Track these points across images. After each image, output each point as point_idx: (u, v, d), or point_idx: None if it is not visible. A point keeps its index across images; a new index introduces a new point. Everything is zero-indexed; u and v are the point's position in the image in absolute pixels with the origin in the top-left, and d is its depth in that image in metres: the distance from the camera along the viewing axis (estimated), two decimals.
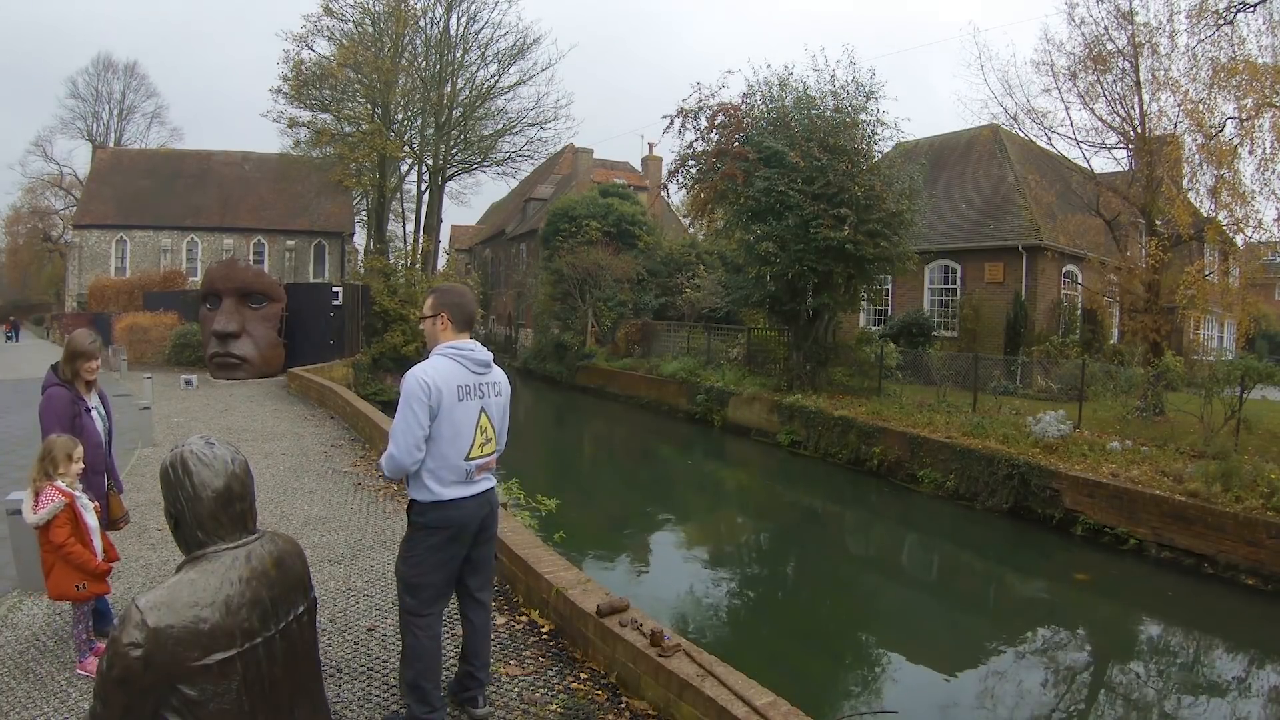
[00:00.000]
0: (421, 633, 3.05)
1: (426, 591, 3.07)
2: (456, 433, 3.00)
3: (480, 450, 3.08)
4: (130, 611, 1.55)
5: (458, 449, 3.01)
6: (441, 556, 3.06)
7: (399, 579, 3.11)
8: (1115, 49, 13.57)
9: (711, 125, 15.76)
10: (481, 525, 3.14)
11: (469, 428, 3.03)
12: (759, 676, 3.15)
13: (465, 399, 3.02)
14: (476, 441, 3.06)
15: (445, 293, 3.18)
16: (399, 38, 28.71)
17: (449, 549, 3.07)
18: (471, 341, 3.12)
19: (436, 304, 3.13)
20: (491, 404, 3.13)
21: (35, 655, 3.84)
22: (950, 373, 14.72)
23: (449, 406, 2.97)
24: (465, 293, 3.21)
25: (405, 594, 3.08)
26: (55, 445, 3.61)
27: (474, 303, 3.24)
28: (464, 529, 3.07)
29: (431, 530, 3.03)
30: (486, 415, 3.11)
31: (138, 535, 5.68)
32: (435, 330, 3.12)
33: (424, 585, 3.05)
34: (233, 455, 1.81)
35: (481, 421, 3.08)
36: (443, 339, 3.10)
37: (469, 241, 51.72)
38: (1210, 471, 8.83)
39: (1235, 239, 14.66)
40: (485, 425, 3.10)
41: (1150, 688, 6.39)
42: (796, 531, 11.16)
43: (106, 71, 50.14)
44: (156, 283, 30.34)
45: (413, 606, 3.06)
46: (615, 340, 25.56)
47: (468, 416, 3.03)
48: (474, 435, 3.05)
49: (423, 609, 3.07)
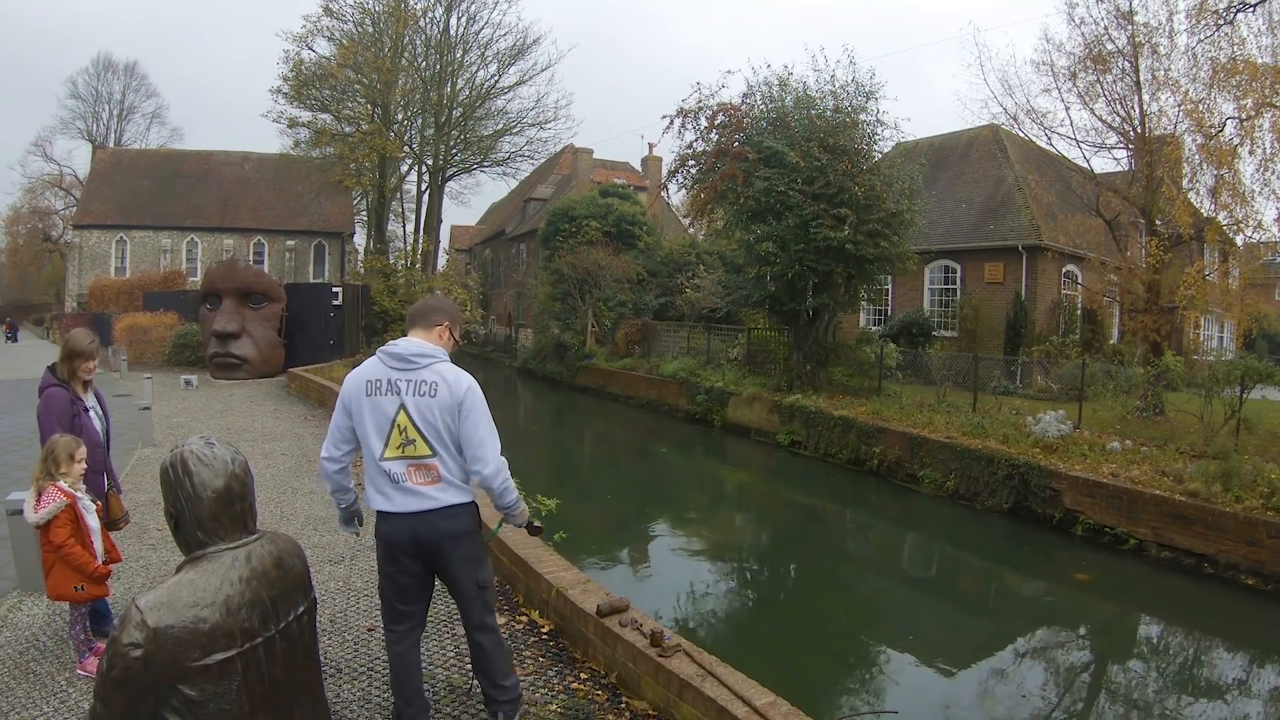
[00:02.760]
0: (387, 644, 3.06)
1: (383, 605, 3.03)
2: (366, 430, 2.87)
3: (398, 451, 2.81)
4: (130, 611, 1.55)
5: (370, 448, 2.86)
6: (386, 570, 2.96)
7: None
8: (1115, 49, 13.57)
9: (711, 125, 15.76)
10: (419, 548, 2.88)
11: (382, 423, 2.84)
12: (759, 676, 3.15)
13: (374, 394, 2.85)
14: (393, 441, 2.82)
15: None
16: (399, 38, 28.72)
17: (390, 566, 2.94)
18: (406, 339, 2.96)
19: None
20: (413, 402, 2.82)
21: (35, 655, 3.85)
22: (950, 373, 14.71)
23: (359, 403, 2.88)
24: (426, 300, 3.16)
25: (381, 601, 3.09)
26: (58, 445, 3.61)
27: (426, 303, 3.11)
28: (396, 546, 2.88)
29: (377, 540, 2.97)
30: (406, 413, 2.82)
31: (138, 535, 5.68)
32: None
33: (381, 596, 3.03)
34: (233, 455, 1.81)
35: (399, 419, 2.82)
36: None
37: (469, 241, 51.72)
38: (1210, 471, 8.82)
39: (1235, 239, 14.67)
40: (404, 424, 2.81)
41: (1150, 688, 6.39)
42: (796, 531, 11.16)
43: (106, 72, 50.27)
44: (156, 283, 30.35)
45: (381, 615, 3.08)
46: (615, 340, 25.56)
47: (378, 412, 2.84)
48: (389, 433, 2.82)
49: (385, 621, 3.04)
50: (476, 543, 3.00)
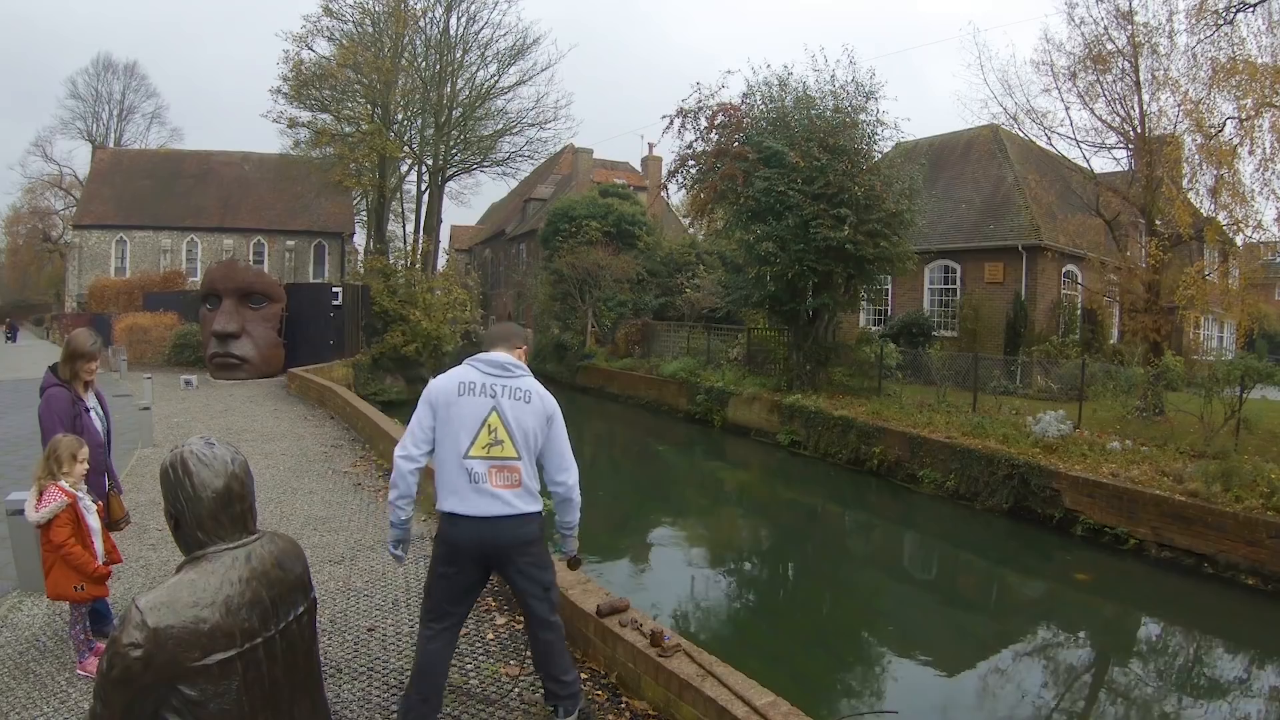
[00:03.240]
0: (422, 640, 3.04)
1: (429, 602, 3.04)
2: (457, 427, 2.93)
3: (484, 451, 2.92)
4: (130, 612, 1.55)
5: (455, 444, 2.92)
6: (444, 571, 2.99)
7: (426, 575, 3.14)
8: (1115, 49, 13.57)
9: (711, 125, 15.76)
10: (486, 554, 2.96)
11: (472, 423, 2.93)
12: (759, 676, 3.15)
13: (466, 394, 2.96)
14: (480, 440, 2.92)
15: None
16: (399, 38, 28.69)
17: (449, 568, 2.98)
18: (497, 353, 3.10)
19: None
20: (507, 405, 2.97)
21: (35, 655, 3.85)
22: (950, 373, 14.71)
23: (447, 402, 2.96)
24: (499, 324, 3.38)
25: (425, 596, 3.10)
26: (61, 445, 3.61)
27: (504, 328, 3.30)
28: (462, 550, 2.94)
29: (438, 540, 3.01)
30: (499, 415, 2.96)
31: (138, 535, 5.68)
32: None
33: (429, 592, 3.05)
34: (233, 455, 1.81)
35: (490, 419, 2.94)
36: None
37: (469, 242, 51.70)
38: (1210, 471, 8.82)
39: (1235, 239, 14.66)
40: (495, 425, 2.94)
41: (1150, 688, 6.39)
42: (796, 531, 11.16)
43: (106, 72, 50.13)
44: (156, 283, 30.33)
45: (421, 611, 3.08)
46: (615, 340, 25.56)
47: (470, 411, 2.94)
48: (477, 432, 2.93)
49: (425, 617, 3.05)
50: (544, 548, 3.10)
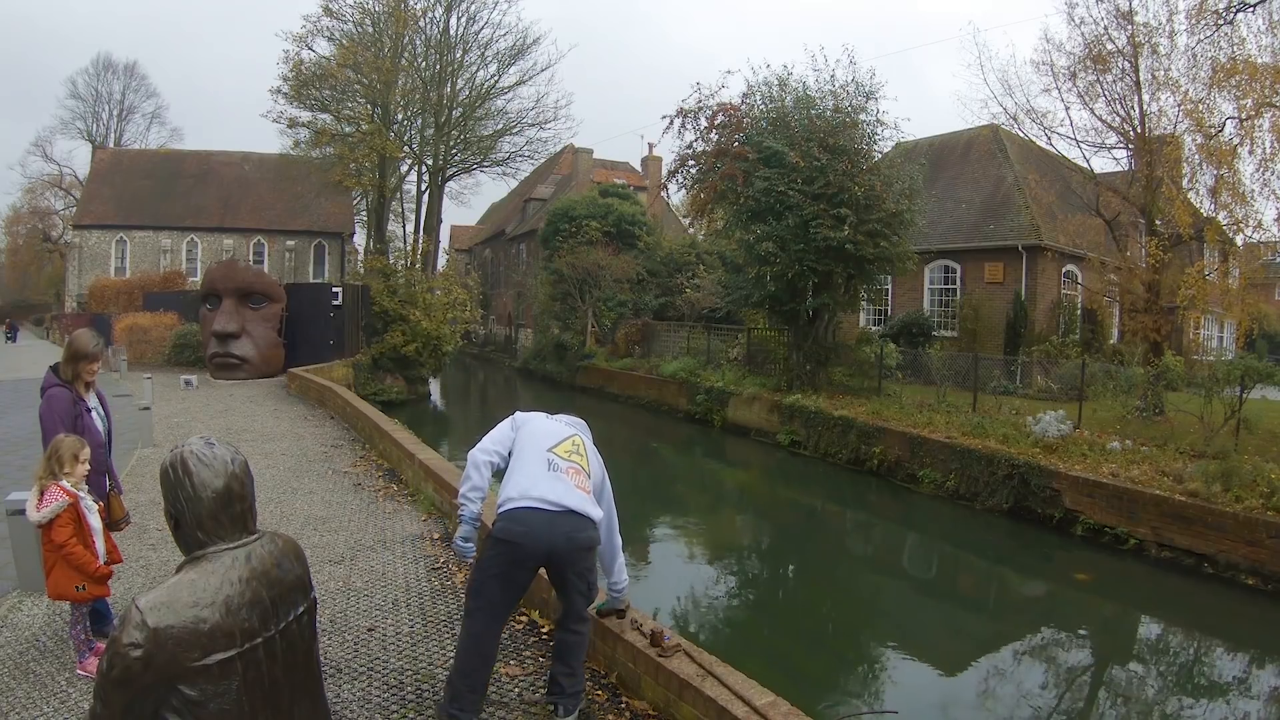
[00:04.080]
0: (467, 635, 3.08)
1: (478, 600, 3.07)
2: (541, 435, 3.26)
3: (564, 452, 3.21)
4: (130, 612, 1.55)
5: (538, 443, 3.21)
6: (506, 572, 3.03)
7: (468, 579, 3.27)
8: (1115, 49, 13.57)
9: (711, 125, 15.76)
10: (551, 554, 3.02)
11: (556, 434, 3.30)
12: (759, 676, 3.15)
13: (551, 418, 3.44)
14: (563, 447, 3.24)
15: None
16: (399, 38, 28.68)
17: (513, 569, 3.03)
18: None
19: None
20: (585, 441, 3.39)
21: (35, 655, 3.84)
22: (950, 373, 14.71)
23: (529, 419, 3.37)
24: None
25: (467, 595, 3.16)
26: (63, 445, 3.61)
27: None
28: (523, 552, 2.99)
29: (496, 542, 3.02)
30: (580, 440, 3.35)
31: (138, 535, 5.68)
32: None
33: (475, 591, 3.10)
34: (233, 455, 1.81)
35: (574, 439, 3.32)
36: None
37: (469, 242, 51.71)
38: (1210, 471, 8.82)
39: (1235, 239, 14.65)
40: (578, 444, 3.31)
41: (1150, 688, 6.39)
42: (796, 531, 11.16)
43: (106, 72, 50.14)
44: (156, 283, 30.33)
45: (469, 607, 3.13)
46: (615, 340, 25.56)
47: (553, 427, 3.35)
48: (561, 440, 3.27)
49: (473, 614, 3.08)
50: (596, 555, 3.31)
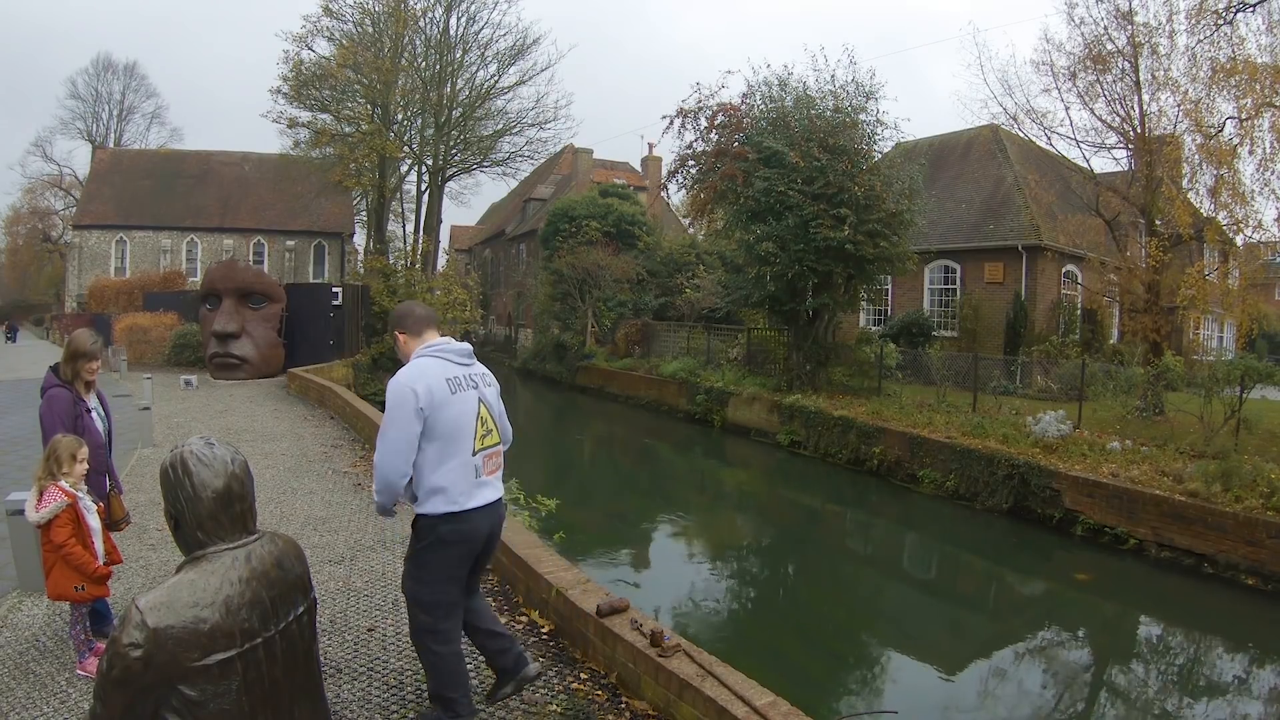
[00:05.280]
0: (441, 647, 3.00)
1: (442, 608, 3.01)
2: (458, 428, 2.92)
3: (482, 443, 3.00)
4: (130, 612, 1.55)
5: (462, 445, 2.92)
6: (456, 572, 3.01)
7: (412, 600, 3.03)
8: (1115, 49, 13.57)
9: (711, 125, 15.76)
10: (489, 537, 3.10)
11: (469, 420, 2.96)
12: (759, 676, 3.15)
13: (458, 390, 2.95)
14: (478, 433, 2.98)
15: (393, 313, 3.28)
16: (399, 38, 28.69)
17: (461, 567, 3.02)
18: (444, 338, 3.09)
19: (390, 327, 3.27)
20: (487, 393, 3.08)
21: (35, 655, 3.84)
22: (950, 373, 14.71)
23: (443, 402, 2.88)
24: (409, 303, 3.27)
25: (421, 614, 3.00)
26: (61, 445, 3.61)
27: (423, 307, 3.24)
28: (474, 543, 3.02)
29: (446, 546, 2.94)
30: (484, 405, 3.04)
31: (138, 536, 5.68)
32: (403, 347, 3.13)
33: (437, 604, 3.00)
34: (232, 456, 1.81)
35: (480, 412, 3.01)
36: (411, 350, 3.07)
37: (469, 242, 51.71)
38: (1210, 471, 8.82)
39: (1235, 239, 14.65)
40: (485, 416, 3.03)
41: (1150, 688, 6.39)
42: (796, 531, 11.16)
43: (106, 72, 50.18)
44: (156, 283, 30.32)
45: (429, 624, 3.00)
46: (615, 340, 25.55)
47: (465, 409, 2.95)
48: (475, 427, 2.97)
49: (440, 624, 3.01)
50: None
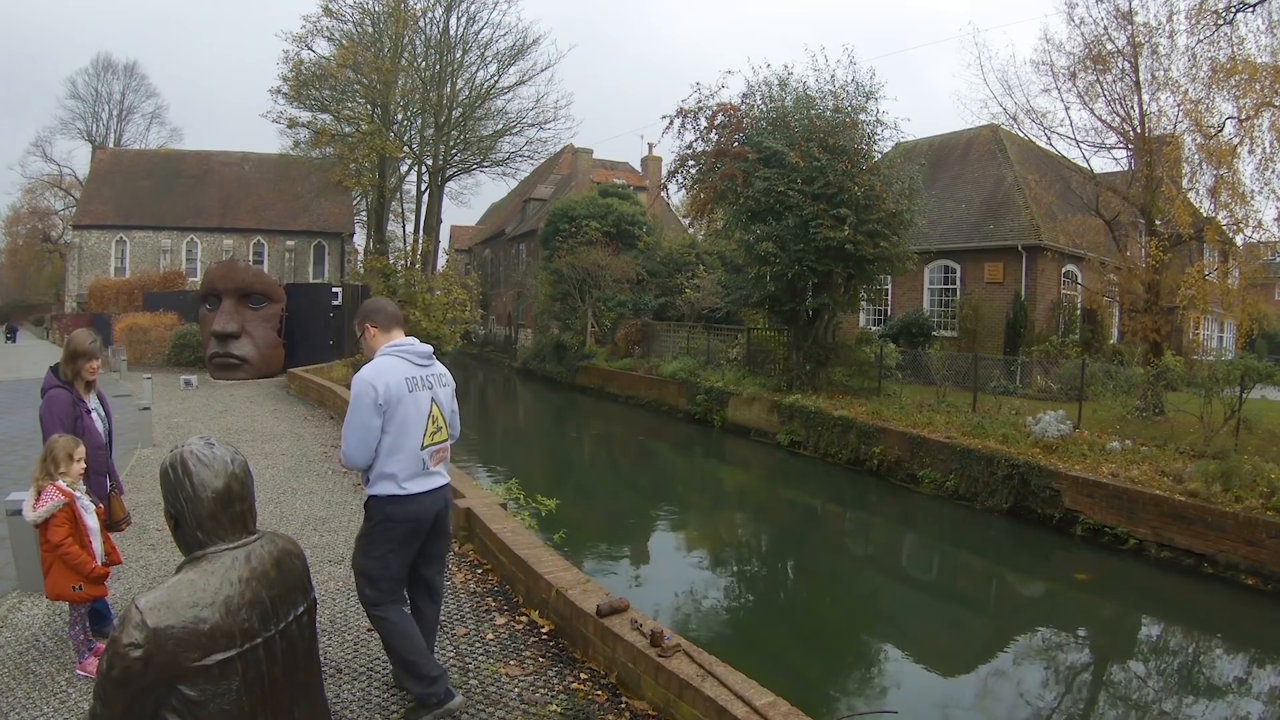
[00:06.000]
0: (390, 616, 3.24)
1: (386, 583, 3.25)
2: (409, 424, 3.18)
3: (431, 439, 3.26)
4: (130, 612, 1.55)
5: (412, 440, 3.19)
6: (402, 550, 3.25)
7: (359, 572, 3.29)
8: (1115, 49, 13.57)
9: (711, 125, 15.76)
10: (436, 519, 3.32)
11: (420, 417, 3.22)
12: (759, 676, 3.15)
13: (415, 390, 3.22)
14: (428, 430, 3.25)
15: (363, 306, 3.46)
16: (399, 38, 28.72)
17: (408, 544, 3.26)
18: (408, 338, 3.35)
19: (359, 320, 3.41)
20: (440, 393, 3.34)
21: (35, 655, 3.84)
22: (950, 373, 14.72)
23: (398, 399, 3.15)
24: (381, 300, 3.51)
25: (366, 586, 3.26)
26: (57, 445, 3.61)
27: (393, 306, 3.48)
28: (421, 523, 3.25)
29: (392, 525, 3.20)
30: (436, 404, 3.30)
31: (138, 536, 5.68)
32: (369, 341, 3.37)
33: (384, 577, 3.24)
34: (232, 456, 1.81)
35: (432, 411, 3.27)
36: (378, 344, 3.33)
37: (469, 242, 51.71)
38: (1210, 471, 8.82)
39: (1235, 239, 14.65)
40: (436, 414, 3.29)
41: (1150, 688, 6.39)
42: (796, 531, 11.16)
43: (106, 72, 50.21)
44: (156, 283, 30.33)
45: (374, 598, 3.25)
46: (615, 340, 25.55)
47: (419, 407, 3.22)
48: (425, 425, 3.24)
49: (384, 599, 3.25)
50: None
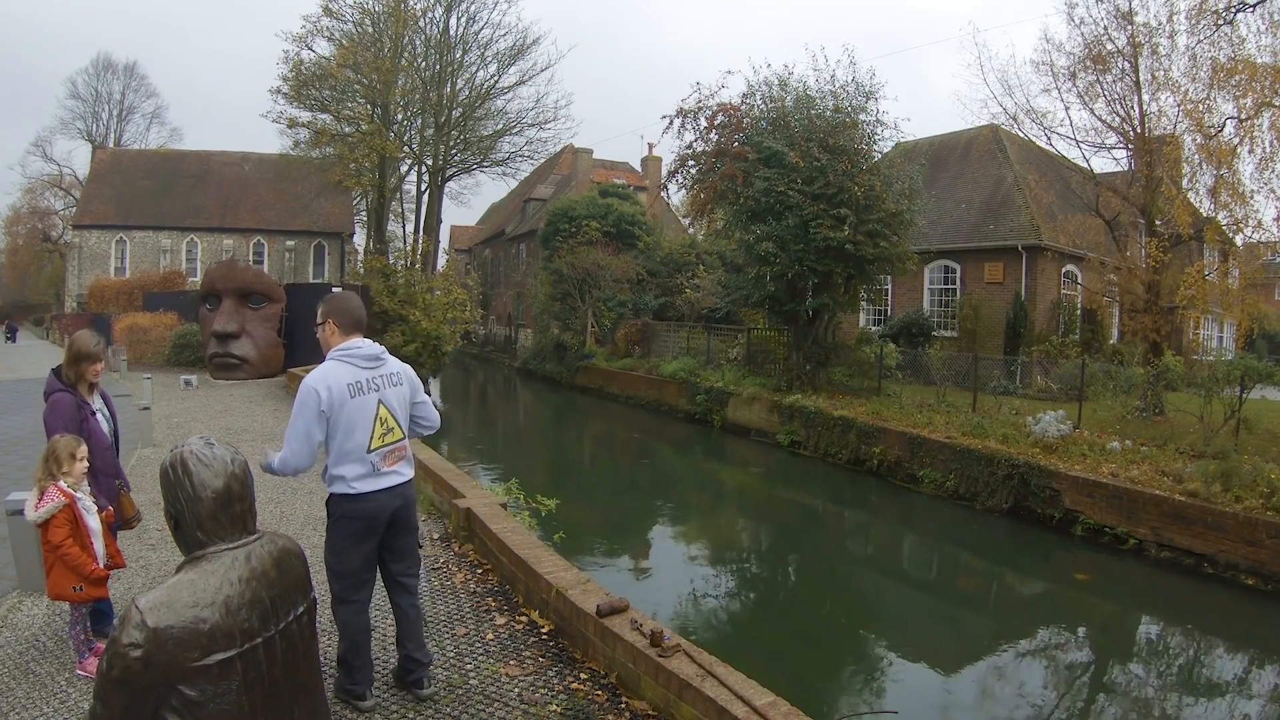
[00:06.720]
0: (349, 616, 3.33)
1: (348, 579, 3.31)
2: (354, 427, 3.19)
3: (382, 441, 3.27)
4: (130, 612, 1.55)
5: (358, 443, 3.20)
6: (359, 546, 3.29)
7: (327, 569, 3.38)
8: (1115, 49, 13.57)
9: (711, 125, 15.76)
10: (394, 517, 3.34)
11: (366, 421, 3.22)
12: (759, 676, 3.15)
13: (358, 395, 3.21)
14: (376, 433, 3.25)
15: (331, 299, 3.40)
16: (399, 38, 28.68)
17: (366, 541, 3.30)
18: (361, 340, 3.33)
19: (324, 312, 3.35)
20: (389, 394, 3.31)
21: (35, 655, 3.85)
22: (950, 373, 14.71)
23: (340, 404, 3.16)
24: (351, 298, 3.44)
25: (331, 580, 3.35)
26: (59, 445, 3.61)
27: (360, 307, 3.43)
28: (375, 520, 3.28)
29: (347, 521, 3.25)
30: (385, 406, 3.28)
31: (138, 535, 5.68)
32: (326, 336, 3.35)
33: (345, 573, 3.31)
34: (232, 456, 1.81)
35: (380, 413, 3.26)
36: (333, 343, 3.32)
37: (469, 242, 51.70)
38: (1210, 471, 8.82)
39: (1235, 239, 14.65)
40: (385, 416, 3.28)
41: (1150, 688, 6.39)
42: (796, 532, 11.16)
43: (106, 72, 50.18)
44: (156, 283, 30.34)
45: (338, 592, 3.33)
46: (615, 340, 25.55)
47: (364, 411, 3.22)
48: (373, 427, 3.24)
49: (347, 595, 3.32)
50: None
